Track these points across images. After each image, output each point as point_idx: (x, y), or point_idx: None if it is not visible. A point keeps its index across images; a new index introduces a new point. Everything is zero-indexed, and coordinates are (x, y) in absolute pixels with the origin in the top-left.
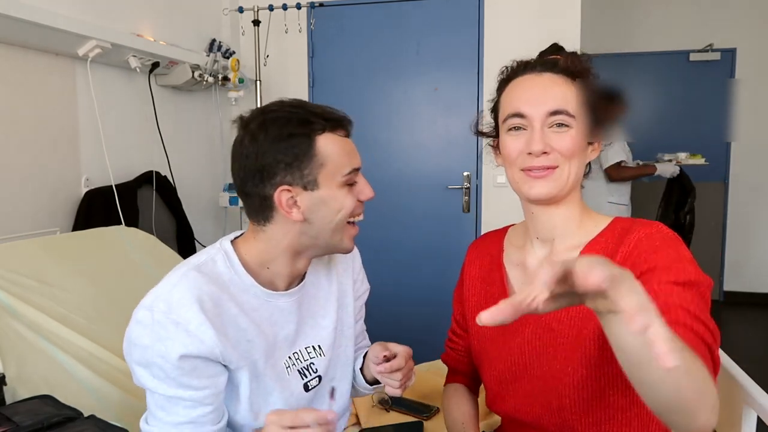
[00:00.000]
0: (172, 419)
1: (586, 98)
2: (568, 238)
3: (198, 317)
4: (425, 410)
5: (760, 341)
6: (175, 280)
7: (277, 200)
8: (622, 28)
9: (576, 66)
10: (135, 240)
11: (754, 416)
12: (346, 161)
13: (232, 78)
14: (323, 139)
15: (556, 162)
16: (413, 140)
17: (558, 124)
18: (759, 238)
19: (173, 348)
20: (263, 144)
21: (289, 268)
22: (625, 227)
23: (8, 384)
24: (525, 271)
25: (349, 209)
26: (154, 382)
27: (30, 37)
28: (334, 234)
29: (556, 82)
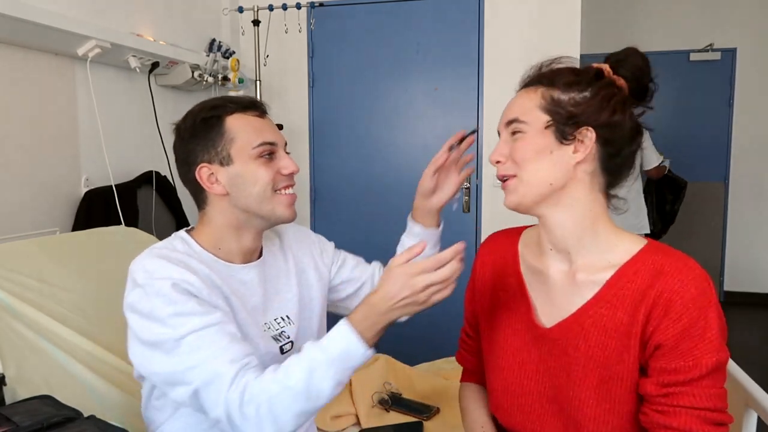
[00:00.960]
0: (215, 347)
1: (547, 101)
2: (586, 252)
3: (177, 270)
4: (425, 410)
5: (760, 341)
6: (143, 259)
7: (198, 178)
8: (622, 28)
9: (545, 73)
10: (135, 240)
11: (755, 416)
12: (256, 135)
13: (232, 78)
14: (232, 118)
15: (510, 171)
16: (413, 140)
17: (514, 133)
18: (759, 238)
19: (163, 286)
20: (184, 135)
21: (237, 244)
22: (656, 266)
23: (8, 384)
24: (546, 280)
25: (265, 180)
26: (173, 330)
27: (30, 37)
28: (261, 204)
29: (521, 95)
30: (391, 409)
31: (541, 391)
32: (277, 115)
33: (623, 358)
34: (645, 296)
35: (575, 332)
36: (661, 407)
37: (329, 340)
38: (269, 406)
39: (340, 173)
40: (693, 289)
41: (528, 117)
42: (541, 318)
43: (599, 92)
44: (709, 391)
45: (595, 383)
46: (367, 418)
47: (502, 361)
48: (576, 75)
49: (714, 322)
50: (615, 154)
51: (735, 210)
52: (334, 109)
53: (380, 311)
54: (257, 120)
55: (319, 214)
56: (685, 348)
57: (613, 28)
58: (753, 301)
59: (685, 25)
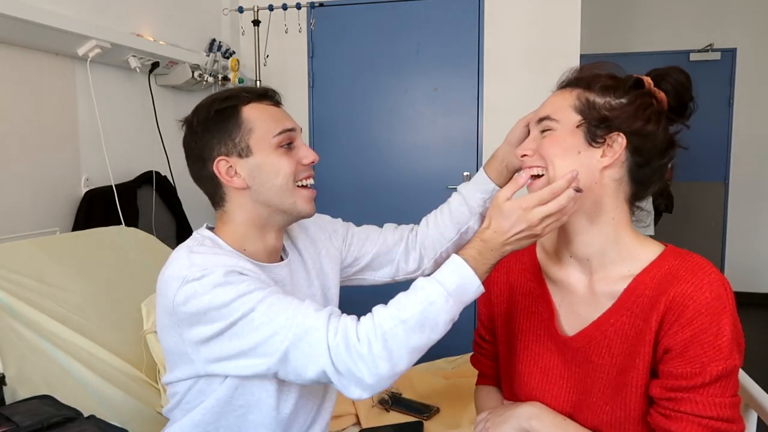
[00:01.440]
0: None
1: (582, 102)
2: (608, 263)
3: (229, 258)
4: (425, 410)
5: (760, 341)
6: (183, 256)
7: (217, 172)
8: (622, 28)
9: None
10: (135, 240)
11: (755, 416)
12: (274, 124)
13: (232, 78)
14: (249, 108)
15: (536, 162)
16: (413, 140)
17: (544, 130)
18: (759, 238)
19: (217, 275)
20: (197, 129)
21: (262, 244)
22: (672, 270)
23: (8, 384)
24: (568, 289)
25: (287, 171)
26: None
27: (30, 37)
28: (283, 198)
29: (557, 94)
30: (391, 408)
31: (563, 396)
32: None
33: (636, 364)
34: (658, 302)
35: (598, 340)
36: (665, 411)
37: (444, 275)
38: (383, 342)
39: (340, 173)
40: (708, 293)
41: (560, 115)
42: (563, 326)
43: (636, 100)
44: (715, 400)
45: (612, 390)
46: (367, 418)
47: (524, 367)
48: (614, 81)
49: (727, 329)
50: (644, 164)
51: (735, 210)
52: (334, 109)
53: (494, 246)
54: (274, 109)
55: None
56: (693, 354)
57: (613, 28)
58: (753, 301)
59: (685, 25)
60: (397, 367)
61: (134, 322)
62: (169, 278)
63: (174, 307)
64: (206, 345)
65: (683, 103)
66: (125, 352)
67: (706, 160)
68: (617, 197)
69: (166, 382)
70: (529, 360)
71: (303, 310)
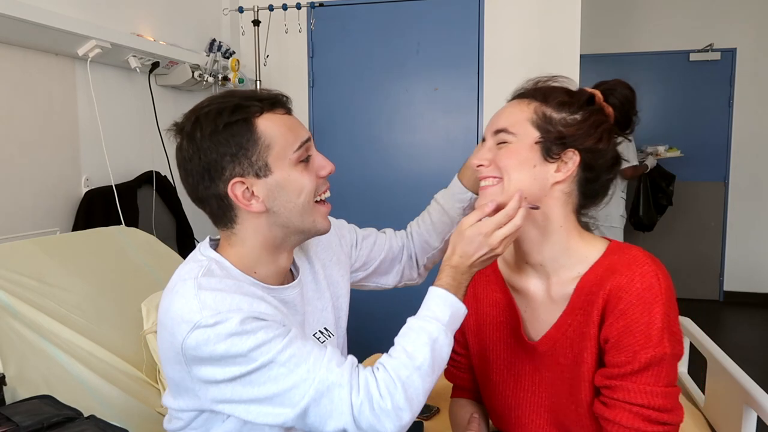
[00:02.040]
0: (311, 357)
1: (539, 117)
2: (560, 267)
3: (244, 300)
4: (425, 410)
5: (760, 341)
6: (191, 293)
7: (232, 195)
8: (622, 28)
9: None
10: (135, 240)
11: (754, 416)
12: (293, 137)
13: (232, 78)
14: (263, 120)
15: (492, 173)
16: (413, 140)
17: (501, 142)
18: (759, 238)
19: (234, 318)
20: (202, 142)
21: (274, 266)
22: (610, 266)
23: (8, 384)
24: (529, 296)
25: (310, 188)
26: (258, 361)
27: (30, 37)
28: (303, 217)
29: (513, 105)
30: None
31: (537, 402)
32: None
33: (585, 358)
34: (598, 296)
35: (561, 342)
36: (604, 399)
37: (434, 310)
38: (404, 393)
39: (339, 173)
40: (639, 285)
41: (518, 129)
42: (530, 332)
43: (590, 117)
44: (647, 388)
45: (574, 388)
46: None
47: (498, 376)
48: (570, 96)
49: (658, 318)
50: (593, 179)
51: (735, 210)
52: (334, 109)
53: (463, 270)
54: (288, 118)
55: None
56: (626, 343)
57: (613, 28)
58: (753, 301)
59: (685, 25)
60: (416, 413)
61: (134, 321)
62: (178, 318)
63: (183, 350)
64: (217, 386)
65: (628, 118)
66: (125, 351)
67: (706, 160)
68: (566, 209)
69: (167, 405)
70: (502, 369)
71: (325, 362)
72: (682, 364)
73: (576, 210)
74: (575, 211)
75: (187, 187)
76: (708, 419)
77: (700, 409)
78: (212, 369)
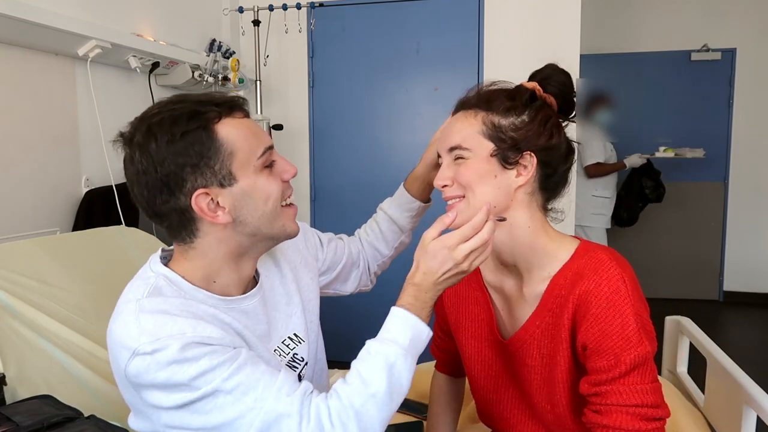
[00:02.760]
0: (262, 384)
1: (489, 127)
2: (531, 267)
3: (187, 324)
4: (425, 410)
5: (760, 341)
6: (131, 316)
7: (196, 208)
8: (622, 28)
9: (482, 97)
10: (135, 240)
11: (754, 416)
12: (256, 141)
13: (232, 78)
14: (223, 126)
15: (457, 192)
16: (413, 140)
17: (457, 158)
18: (759, 238)
19: (175, 344)
20: (157, 153)
21: (236, 276)
22: (579, 270)
23: (8, 384)
24: (503, 295)
25: (277, 194)
26: (201, 390)
27: (30, 37)
28: (272, 224)
29: (460, 119)
30: None
31: (517, 397)
32: (277, 115)
33: (558, 361)
34: (568, 300)
35: (528, 343)
36: (596, 407)
37: (394, 332)
38: (357, 423)
39: (340, 173)
40: (606, 289)
41: (471, 144)
42: (502, 330)
43: (536, 116)
44: (637, 387)
45: (547, 390)
46: None
47: (478, 371)
48: (512, 99)
49: (630, 319)
50: (551, 174)
51: (735, 210)
52: (334, 109)
53: (427, 288)
54: (248, 122)
55: (319, 214)
56: (606, 347)
57: (613, 28)
58: (753, 301)
59: (685, 25)
60: None
61: None
62: (118, 343)
63: (126, 376)
64: (166, 412)
65: (570, 102)
66: None
67: (706, 160)
68: (531, 208)
69: (131, 426)
70: (482, 365)
71: (274, 391)
72: (682, 364)
73: (541, 206)
74: (540, 208)
75: (141, 202)
76: (708, 419)
77: (700, 409)
78: (158, 395)
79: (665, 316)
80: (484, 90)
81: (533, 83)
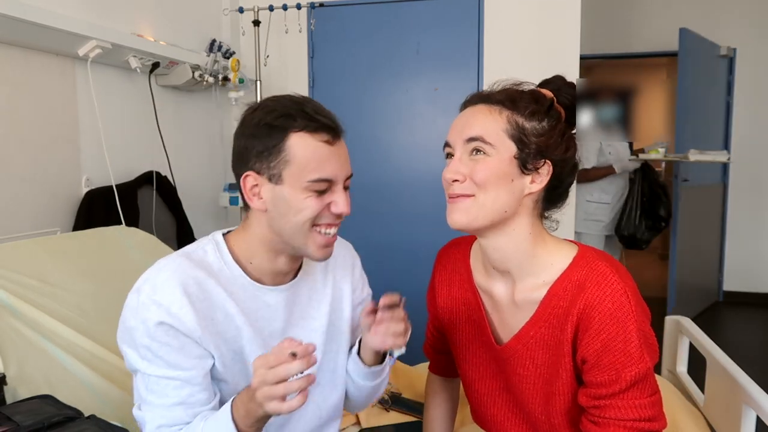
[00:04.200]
0: (163, 401)
1: (513, 128)
2: (525, 274)
3: (180, 300)
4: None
5: (760, 341)
6: (163, 264)
7: (242, 183)
8: (622, 28)
9: (509, 95)
10: (135, 240)
11: (754, 416)
12: (315, 167)
13: (232, 78)
14: (297, 137)
15: (468, 191)
16: (413, 140)
17: (475, 151)
18: (759, 238)
19: (151, 318)
20: (246, 128)
21: (269, 264)
22: (580, 282)
23: (9, 384)
24: (493, 300)
25: (309, 214)
26: (143, 363)
27: (30, 37)
28: (296, 235)
29: (483, 111)
30: (391, 408)
31: (510, 401)
32: None
33: (560, 374)
34: (570, 313)
35: (521, 353)
36: (594, 418)
37: (216, 419)
38: None
39: None
40: (609, 304)
41: (495, 140)
42: (496, 336)
43: (556, 126)
44: (635, 402)
45: (542, 400)
46: (367, 418)
47: (471, 375)
48: (537, 103)
49: (633, 335)
50: (558, 186)
51: (735, 210)
52: (334, 109)
53: (247, 400)
54: (324, 147)
55: None
56: (606, 362)
57: (613, 28)
58: (752, 301)
59: (685, 25)
60: None
61: None
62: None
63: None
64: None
65: (574, 116)
66: None
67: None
68: (533, 216)
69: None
70: (475, 368)
71: (161, 414)
72: (682, 364)
73: (541, 215)
74: (540, 216)
75: (232, 158)
76: (708, 419)
77: (699, 409)
78: (122, 328)
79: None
80: (510, 88)
81: (549, 92)
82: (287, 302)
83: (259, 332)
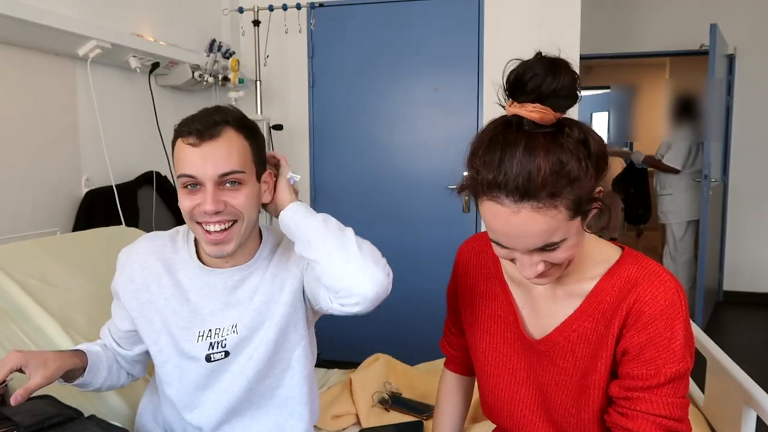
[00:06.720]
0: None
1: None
2: (571, 270)
3: (125, 268)
4: (425, 410)
5: (760, 341)
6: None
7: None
8: (622, 28)
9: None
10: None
11: (754, 416)
12: (180, 165)
13: (232, 78)
14: (178, 142)
15: (554, 271)
16: (413, 140)
17: (549, 250)
18: (759, 238)
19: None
20: None
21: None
22: (631, 279)
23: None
24: (530, 292)
25: (185, 208)
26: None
27: (30, 37)
28: (189, 223)
29: (537, 216)
30: (391, 408)
31: (530, 398)
32: (277, 115)
33: (597, 367)
34: (619, 308)
35: (562, 345)
36: (622, 409)
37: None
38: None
39: (340, 173)
40: (662, 301)
41: (562, 234)
42: (528, 328)
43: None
44: (668, 400)
45: (576, 393)
46: (368, 418)
47: (491, 368)
48: (579, 162)
49: (680, 334)
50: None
51: (735, 210)
52: (334, 109)
53: None
54: (190, 150)
55: None
56: (648, 356)
57: (613, 28)
58: (753, 301)
59: (684, 25)
60: None
61: None
62: None
63: None
64: None
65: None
66: None
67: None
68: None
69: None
70: (497, 362)
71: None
72: None
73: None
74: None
75: None
76: (708, 419)
77: (700, 408)
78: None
79: None
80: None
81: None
82: (230, 287)
83: (194, 308)
